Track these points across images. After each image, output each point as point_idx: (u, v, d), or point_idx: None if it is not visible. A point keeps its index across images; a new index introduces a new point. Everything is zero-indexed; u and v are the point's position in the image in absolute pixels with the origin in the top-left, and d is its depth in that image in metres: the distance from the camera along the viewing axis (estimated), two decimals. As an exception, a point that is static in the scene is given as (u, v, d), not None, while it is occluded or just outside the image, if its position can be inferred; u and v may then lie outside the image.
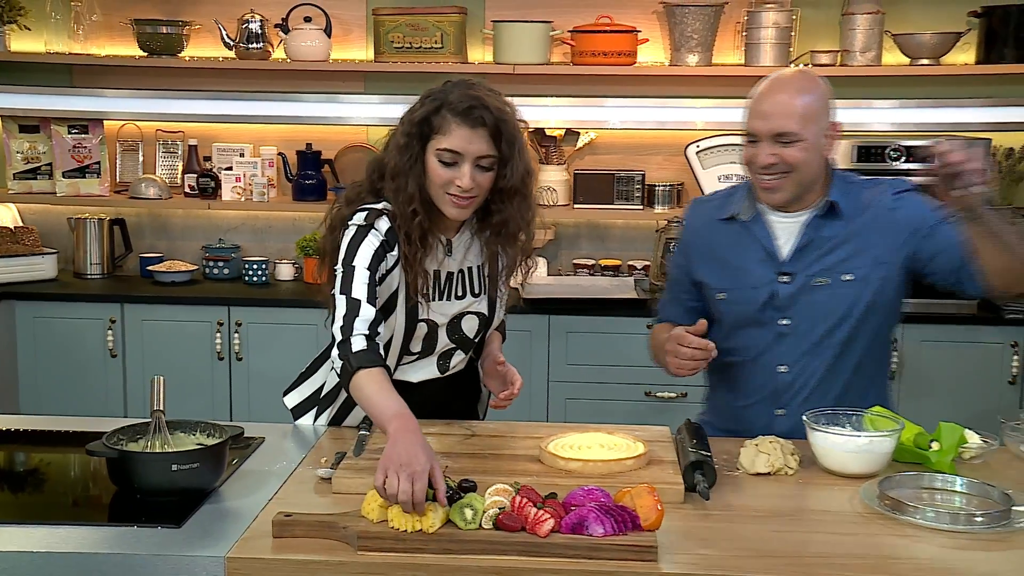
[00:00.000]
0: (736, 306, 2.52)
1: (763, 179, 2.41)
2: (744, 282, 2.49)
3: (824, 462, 2.16)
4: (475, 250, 2.41)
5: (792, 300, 2.45)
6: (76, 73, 4.54)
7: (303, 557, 1.76)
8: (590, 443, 2.19)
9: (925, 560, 1.77)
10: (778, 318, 2.47)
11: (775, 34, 4.17)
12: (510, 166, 2.25)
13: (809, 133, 2.37)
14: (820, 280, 2.44)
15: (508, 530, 1.77)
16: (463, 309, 2.40)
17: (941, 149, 2.11)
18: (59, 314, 4.20)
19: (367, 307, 2.17)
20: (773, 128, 2.36)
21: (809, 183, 2.43)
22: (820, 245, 2.45)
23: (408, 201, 2.23)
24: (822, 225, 2.45)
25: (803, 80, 2.44)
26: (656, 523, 1.78)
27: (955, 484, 2.04)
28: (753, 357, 2.51)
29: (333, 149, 4.53)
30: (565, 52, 4.34)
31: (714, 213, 2.57)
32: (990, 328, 3.97)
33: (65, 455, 2.40)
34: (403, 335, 2.34)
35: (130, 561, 1.78)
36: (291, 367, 4.05)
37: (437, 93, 2.24)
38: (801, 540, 1.85)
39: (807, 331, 2.46)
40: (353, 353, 2.12)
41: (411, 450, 1.86)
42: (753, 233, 2.50)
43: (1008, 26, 4.13)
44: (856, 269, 2.43)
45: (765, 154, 2.37)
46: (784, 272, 2.46)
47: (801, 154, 2.37)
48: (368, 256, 2.22)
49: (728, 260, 2.52)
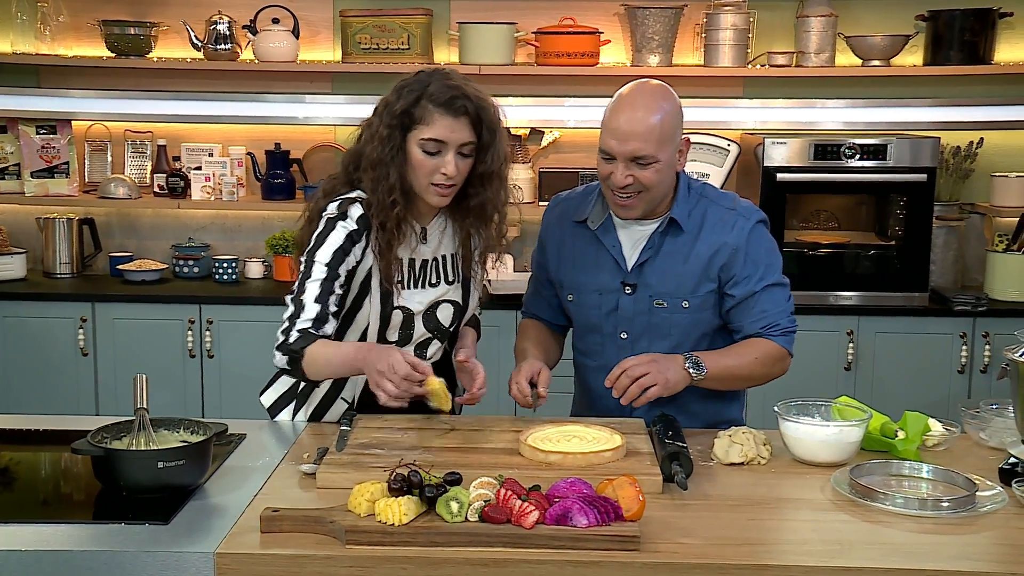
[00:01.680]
0: (583, 309, 2.57)
1: (618, 197, 2.41)
2: (591, 287, 2.53)
3: (795, 451, 2.25)
4: (449, 238, 2.48)
5: (633, 315, 2.50)
6: (43, 74, 4.57)
7: (292, 552, 1.82)
8: (568, 435, 2.27)
9: (896, 545, 1.86)
10: (620, 330, 2.52)
11: (733, 35, 4.29)
12: (491, 151, 2.34)
13: (664, 154, 2.36)
14: (659, 302, 2.48)
15: (494, 522, 1.84)
16: (438, 297, 2.47)
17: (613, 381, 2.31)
18: (29, 313, 4.24)
19: (312, 307, 2.30)
20: (630, 151, 2.34)
21: (661, 199, 2.45)
22: (662, 262, 2.48)
23: (389, 191, 2.30)
24: (663, 241, 2.47)
25: (659, 97, 2.39)
26: (638, 514, 1.87)
27: (922, 471, 2.14)
28: (599, 364, 2.55)
29: (301, 149, 4.59)
30: (529, 53, 4.43)
31: (570, 213, 2.58)
32: (940, 319, 4.11)
33: (40, 454, 2.44)
34: (379, 323, 2.41)
35: (119, 558, 1.83)
36: (263, 364, 4.11)
37: (414, 84, 2.31)
38: (777, 527, 1.95)
39: (646, 348, 2.49)
40: (290, 343, 2.29)
41: (380, 356, 2.17)
42: (602, 241, 2.52)
43: (953, 29, 4.27)
44: (692, 296, 2.47)
45: (621, 175, 2.36)
46: (628, 283, 2.50)
47: (655, 176, 2.37)
48: (331, 251, 2.31)
49: (579, 263, 2.55)
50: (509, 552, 1.82)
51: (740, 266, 2.46)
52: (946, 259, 4.32)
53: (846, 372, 4.13)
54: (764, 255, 2.48)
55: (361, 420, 2.40)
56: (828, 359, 4.13)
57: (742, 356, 2.46)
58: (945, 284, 4.29)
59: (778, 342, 2.48)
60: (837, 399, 2.37)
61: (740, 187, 4.40)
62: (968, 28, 4.25)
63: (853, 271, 4.22)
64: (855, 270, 4.22)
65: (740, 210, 2.50)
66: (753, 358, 2.46)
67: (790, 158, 4.08)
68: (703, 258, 2.46)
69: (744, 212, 2.50)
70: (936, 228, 4.18)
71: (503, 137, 2.38)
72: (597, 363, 2.57)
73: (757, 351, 2.46)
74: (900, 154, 4.05)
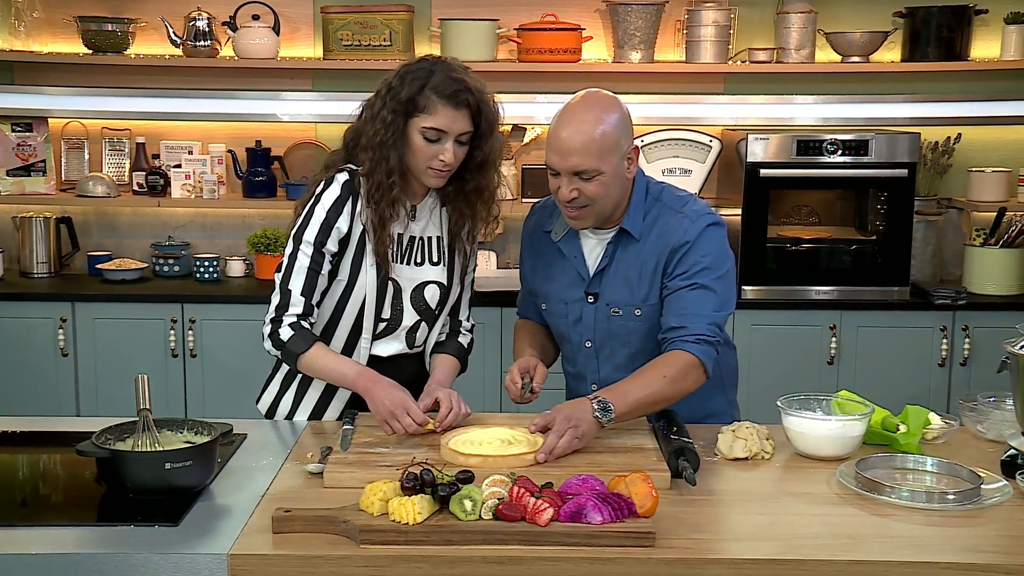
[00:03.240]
0: (553, 319, 2.59)
1: (567, 210, 2.41)
2: (558, 297, 2.55)
3: (798, 445, 2.27)
4: (436, 219, 2.52)
5: (595, 324, 2.50)
6: (17, 70, 4.50)
7: (305, 552, 1.82)
8: (491, 438, 2.26)
9: (906, 538, 1.88)
10: (585, 339, 2.53)
11: (714, 32, 4.31)
12: (489, 141, 2.41)
13: (607, 166, 2.33)
14: (616, 311, 2.48)
15: (508, 520, 1.84)
16: (423, 277, 2.50)
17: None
18: (7, 314, 4.18)
19: (298, 301, 2.40)
20: (571, 166, 2.32)
21: (612, 208, 2.42)
22: (615, 270, 2.47)
23: (388, 173, 2.37)
24: (616, 250, 2.46)
25: (600, 108, 2.35)
26: (651, 510, 1.87)
27: (926, 464, 2.17)
28: (575, 370, 2.59)
29: (281, 146, 4.56)
30: (511, 49, 4.43)
31: (541, 224, 2.59)
32: (921, 313, 4.16)
33: (36, 456, 2.41)
34: (376, 295, 2.45)
35: (131, 560, 1.82)
36: (246, 363, 4.14)
37: (418, 72, 2.36)
38: (787, 522, 1.95)
39: (610, 355, 2.52)
40: (286, 341, 2.39)
41: (386, 395, 2.28)
42: (564, 251, 2.52)
43: (930, 26, 4.32)
44: (644, 304, 2.45)
45: (566, 189, 2.35)
46: (590, 293, 2.50)
47: (600, 188, 2.35)
48: (317, 227, 2.39)
49: (548, 274, 2.57)
50: (525, 550, 1.82)
51: (675, 264, 2.42)
52: (925, 253, 4.37)
53: (829, 366, 4.16)
54: (703, 256, 2.40)
55: (362, 419, 2.40)
56: (811, 354, 4.16)
57: (650, 381, 2.31)
58: (924, 278, 4.34)
59: (688, 349, 2.34)
60: (837, 393, 2.39)
61: (721, 183, 4.43)
62: (945, 25, 4.30)
63: (835, 266, 4.25)
64: (836, 265, 4.26)
65: (689, 213, 2.44)
66: (661, 377, 2.31)
67: (773, 154, 4.11)
68: (650, 265, 2.45)
69: (692, 215, 2.44)
70: (915, 223, 4.22)
71: (498, 127, 2.45)
72: (574, 369, 2.61)
73: (664, 369, 2.32)
74: (881, 150, 4.09)
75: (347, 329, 2.47)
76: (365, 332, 2.47)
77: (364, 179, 2.40)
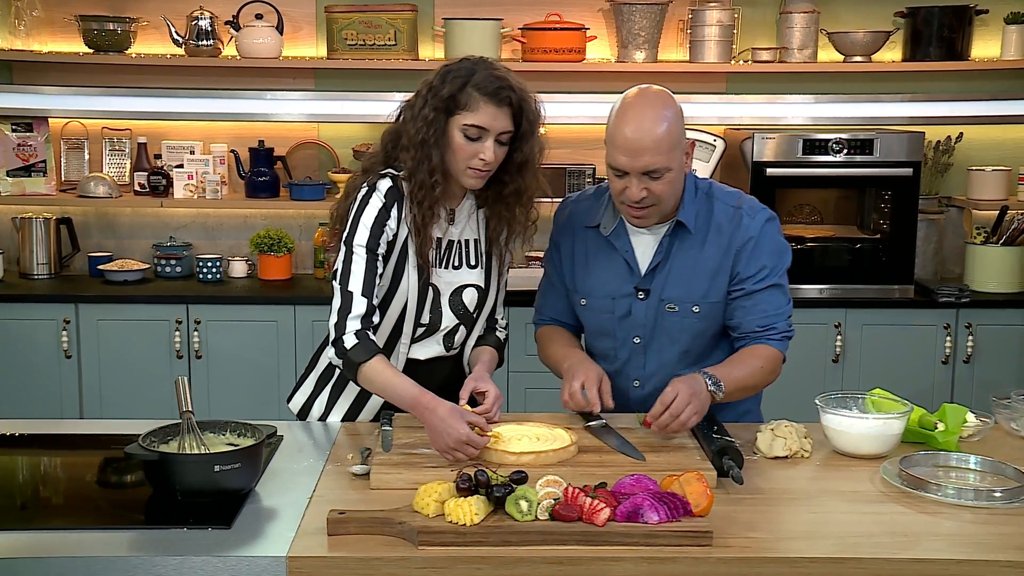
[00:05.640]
0: (595, 314, 2.55)
1: (633, 210, 2.39)
2: (604, 292, 2.51)
3: (838, 443, 2.29)
4: (473, 223, 2.51)
5: (645, 319, 2.48)
6: (16, 70, 4.45)
7: (364, 555, 1.81)
8: (520, 435, 2.27)
9: (959, 535, 1.90)
10: (632, 335, 2.51)
11: (718, 32, 4.32)
12: (529, 142, 2.39)
13: (675, 162, 2.34)
14: (670, 307, 2.46)
15: (565, 520, 1.84)
16: (462, 281, 2.49)
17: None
18: (9, 315, 4.14)
19: (360, 301, 2.33)
20: (642, 166, 2.30)
21: (673, 204, 2.43)
22: (672, 266, 2.46)
23: (431, 172, 2.34)
24: (672, 243, 2.45)
25: (661, 104, 2.34)
26: (706, 509, 1.88)
27: (968, 462, 2.19)
28: (613, 368, 2.53)
29: (284, 146, 4.53)
30: (515, 49, 4.43)
31: (582, 218, 2.56)
32: (925, 311, 4.20)
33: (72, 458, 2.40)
34: (416, 300, 2.43)
35: (188, 563, 1.81)
36: (253, 363, 4.12)
37: (459, 70, 2.34)
38: (839, 520, 1.96)
39: (658, 350, 2.50)
40: (349, 350, 2.31)
41: (444, 426, 2.16)
42: (615, 246, 2.50)
43: (931, 26, 4.36)
44: (703, 301, 2.45)
45: (636, 189, 2.33)
46: (641, 288, 2.48)
47: (668, 186, 2.35)
48: (367, 231, 2.36)
49: (591, 268, 2.53)
50: (583, 550, 1.82)
51: (744, 263, 2.44)
52: (926, 252, 4.41)
53: (834, 364, 4.19)
54: (769, 255, 2.46)
55: (399, 420, 2.39)
56: (816, 352, 4.19)
57: (751, 368, 2.40)
58: (926, 276, 4.38)
59: (776, 346, 2.44)
60: (871, 391, 2.41)
61: (725, 182, 4.41)
62: (946, 25, 4.34)
63: (839, 265, 4.28)
64: (841, 264, 4.28)
65: (747, 209, 2.47)
66: (759, 367, 2.41)
67: (779, 153, 4.13)
68: (711, 260, 2.45)
69: (750, 211, 2.47)
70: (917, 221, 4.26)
71: (539, 128, 2.42)
72: (612, 367, 2.55)
73: (760, 359, 2.42)
74: (886, 149, 4.12)
75: (386, 333, 2.45)
76: (404, 336, 2.46)
77: (406, 181, 2.37)
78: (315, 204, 4.40)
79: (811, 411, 2.40)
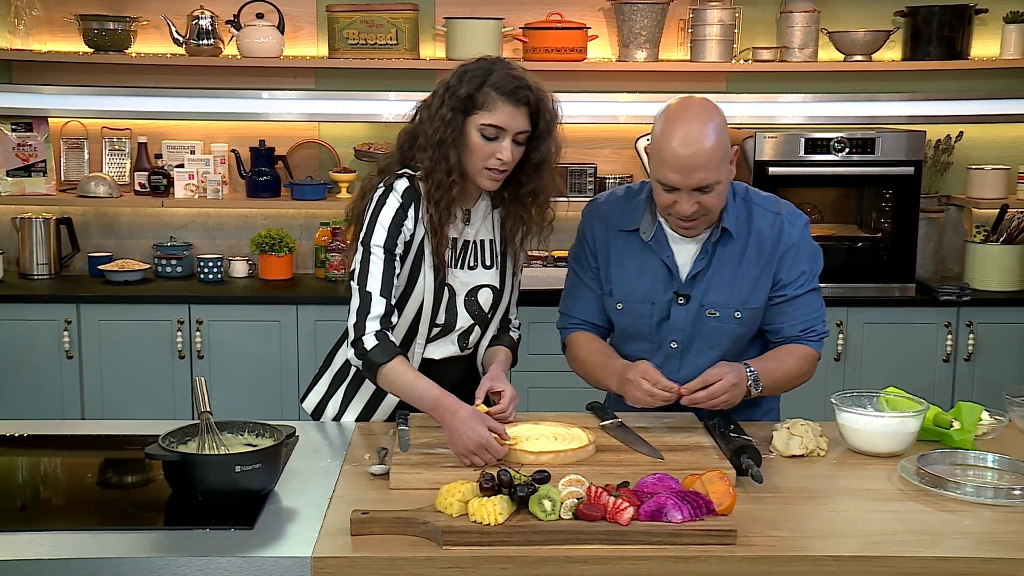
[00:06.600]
0: (632, 318, 2.52)
1: (683, 223, 2.38)
2: (643, 296, 2.49)
3: (854, 442, 2.29)
4: (488, 223, 2.50)
5: (683, 324, 2.47)
6: (15, 69, 4.43)
7: (389, 555, 1.81)
8: (537, 435, 2.28)
9: (982, 534, 1.91)
10: (669, 339, 2.49)
11: (719, 31, 4.33)
12: (546, 142, 2.38)
13: (724, 175, 2.33)
14: (711, 312, 2.46)
15: (589, 519, 1.84)
16: (477, 281, 2.49)
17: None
18: (10, 316, 4.12)
19: (378, 301, 2.33)
20: (695, 183, 2.29)
21: (720, 213, 2.43)
22: (715, 271, 2.45)
23: (448, 172, 2.34)
24: (715, 249, 2.44)
25: (707, 117, 2.30)
26: (729, 508, 1.89)
27: (986, 460, 2.19)
28: None
29: (284, 145, 4.52)
30: (516, 48, 4.43)
31: (616, 222, 2.53)
32: (926, 310, 4.21)
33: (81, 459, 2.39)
34: (432, 300, 2.43)
35: (213, 564, 1.80)
36: (255, 363, 4.10)
37: (477, 70, 2.33)
38: (860, 518, 1.97)
39: (695, 355, 2.49)
40: (369, 351, 2.31)
41: (464, 429, 2.15)
42: (655, 250, 2.47)
43: (931, 25, 4.38)
44: (743, 307, 2.45)
45: (688, 204, 2.32)
46: (681, 294, 2.47)
47: (718, 198, 2.35)
48: (385, 231, 2.35)
49: (629, 272, 2.51)
50: (608, 549, 1.83)
51: (786, 270, 2.46)
52: (926, 251, 4.43)
53: (836, 363, 4.21)
54: (808, 260, 2.48)
55: (415, 419, 2.39)
56: (818, 350, 4.20)
57: (789, 367, 2.44)
58: (926, 275, 4.40)
59: (814, 347, 2.50)
60: (885, 390, 2.42)
61: (726, 181, 4.45)
62: (945, 24, 4.36)
63: (840, 263, 4.29)
64: (842, 262, 4.29)
65: (785, 214, 2.48)
66: (797, 365, 2.45)
67: (780, 152, 4.14)
68: (753, 266, 2.45)
69: (789, 216, 2.48)
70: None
71: (557, 128, 2.41)
72: None
73: (798, 357, 2.46)
74: (887, 148, 4.14)
75: (402, 333, 2.44)
76: (419, 337, 2.45)
77: (423, 181, 2.37)
78: (316, 204, 4.39)
79: (814, 410, 2.43)
